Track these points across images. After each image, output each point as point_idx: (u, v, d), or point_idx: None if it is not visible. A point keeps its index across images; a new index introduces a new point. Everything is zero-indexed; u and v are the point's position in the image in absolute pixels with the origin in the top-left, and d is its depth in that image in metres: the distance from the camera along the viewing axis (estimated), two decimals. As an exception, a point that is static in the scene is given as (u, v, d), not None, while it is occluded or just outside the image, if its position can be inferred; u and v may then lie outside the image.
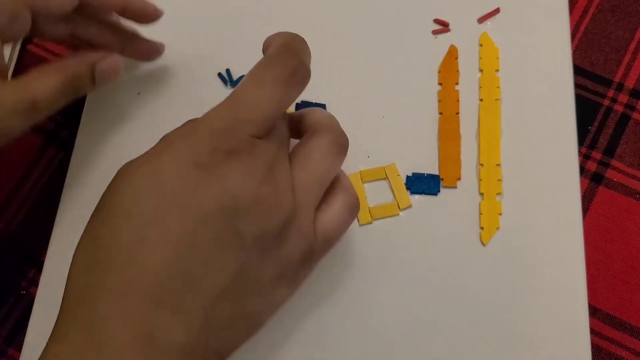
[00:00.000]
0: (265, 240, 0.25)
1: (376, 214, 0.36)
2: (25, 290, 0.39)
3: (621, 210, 0.37)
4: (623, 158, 0.38)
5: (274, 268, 0.26)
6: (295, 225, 0.26)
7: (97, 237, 0.24)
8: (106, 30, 0.36)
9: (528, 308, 0.34)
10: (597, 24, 0.42)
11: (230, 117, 0.25)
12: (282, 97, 0.26)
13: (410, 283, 0.35)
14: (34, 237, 0.40)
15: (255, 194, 0.24)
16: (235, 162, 0.24)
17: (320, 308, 0.35)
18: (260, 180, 0.25)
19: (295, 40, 0.28)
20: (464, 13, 0.40)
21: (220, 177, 0.24)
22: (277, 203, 0.25)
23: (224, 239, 0.24)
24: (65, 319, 0.24)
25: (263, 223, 0.25)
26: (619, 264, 0.36)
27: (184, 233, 0.23)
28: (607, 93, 0.40)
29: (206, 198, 0.24)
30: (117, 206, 0.24)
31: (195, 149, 0.24)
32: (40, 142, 0.42)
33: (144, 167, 0.25)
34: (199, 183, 0.24)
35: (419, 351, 0.34)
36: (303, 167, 0.27)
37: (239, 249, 0.24)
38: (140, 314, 0.23)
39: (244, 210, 0.24)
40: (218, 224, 0.24)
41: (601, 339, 0.35)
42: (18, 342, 0.37)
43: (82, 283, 0.24)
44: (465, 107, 0.38)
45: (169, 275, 0.23)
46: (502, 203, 0.36)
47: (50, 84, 0.30)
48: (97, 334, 0.23)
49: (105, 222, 0.24)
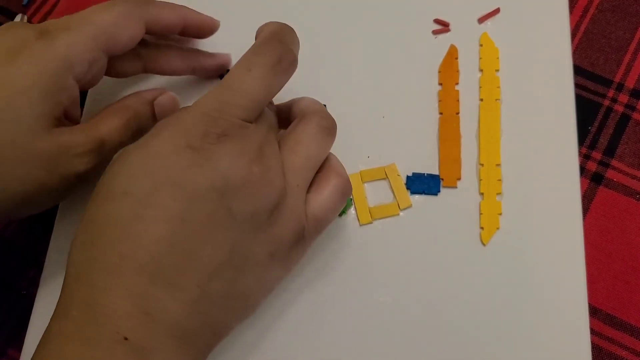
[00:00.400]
0: (257, 219, 0.26)
1: (376, 214, 0.36)
2: (25, 290, 0.39)
3: (621, 210, 0.37)
4: (623, 158, 0.38)
5: (266, 247, 0.27)
6: (286, 206, 0.27)
7: (95, 216, 0.25)
8: (174, 57, 0.37)
9: (528, 308, 0.34)
10: (597, 24, 0.42)
11: (221, 101, 0.27)
12: (270, 83, 0.27)
13: (410, 283, 0.35)
14: (34, 237, 0.40)
15: (246, 173, 0.25)
16: (226, 144, 0.25)
17: (320, 308, 0.35)
18: (250, 161, 0.26)
19: (283, 29, 0.30)
20: (464, 13, 0.40)
21: (212, 159, 0.25)
22: (267, 182, 0.26)
23: (217, 216, 0.25)
24: (65, 296, 0.25)
25: (254, 201, 0.26)
26: (619, 264, 0.36)
27: (178, 211, 0.24)
28: (607, 93, 0.40)
29: (199, 177, 0.25)
30: (114, 186, 0.25)
31: (188, 132, 0.26)
32: (40, 142, 0.42)
33: (139, 150, 0.26)
34: (191, 163, 0.25)
35: (419, 351, 0.34)
36: (293, 150, 0.29)
37: (232, 227, 0.25)
38: (137, 289, 0.24)
39: (235, 189, 0.25)
40: (211, 202, 0.25)
41: (601, 339, 0.35)
42: (18, 342, 0.37)
43: (81, 260, 0.25)
44: (465, 107, 0.38)
45: (164, 252, 0.24)
46: (502, 203, 0.36)
47: (115, 124, 0.32)
48: (96, 308, 0.24)
49: (102, 202, 0.25)
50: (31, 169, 0.29)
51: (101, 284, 0.24)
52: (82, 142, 0.31)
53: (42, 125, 0.29)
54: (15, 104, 0.29)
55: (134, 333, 0.23)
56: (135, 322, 0.23)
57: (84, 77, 0.32)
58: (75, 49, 0.30)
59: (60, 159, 0.30)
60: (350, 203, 0.37)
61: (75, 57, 0.30)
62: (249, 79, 0.27)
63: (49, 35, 0.30)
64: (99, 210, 0.25)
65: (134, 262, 0.24)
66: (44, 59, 0.30)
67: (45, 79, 0.29)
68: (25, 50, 0.29)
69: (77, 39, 0.31)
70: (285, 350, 0.34)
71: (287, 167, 0.28)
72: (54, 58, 0.30)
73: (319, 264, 0.35)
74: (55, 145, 0.30)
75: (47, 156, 0.29)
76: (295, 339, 0.34)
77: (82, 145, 0.31)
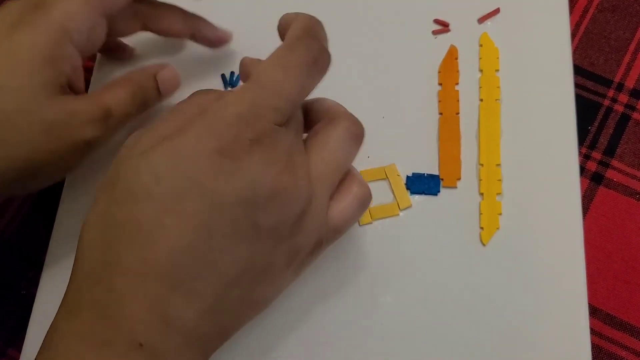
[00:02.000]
0: (281, 231, 0.25)
1: (376, 214, 0.36)
2: (25, 290, 0.39)
3: (621, 210, 0.37)
4: (623, 158, 0.38)
5: (285, 257, 0.26)
6: (309, 215, 0.26)
7: (113, 215, 0.24)
8: (175, 17, 0.37)
9: (528, 308, 0.34)
10: (597, 24, 0.42)
11: (254, 103, 0.25)
12: (305, 84, 0.26)
13: (410, 283, 0.35)
14: (34, 237, 0.40)
15: (275, 184, 0.24)
16: (258, 151, 0.24)
17: (320, 308, 0.35)
18: (280, 170, 0.24)
19: (316, 24, 0.28)
20: (464, 13, 0.40)
21: (242, 167, 0.24)
22: (295, 193, 0.25)
23: (240, 229, 0.24)
24: (75, 294, 0.24)
25: (281, 214, 0.25)
26: (619, 264, 0.36)
27: (203, 221, 0.23)
28: (607, 93, 0.40)
29: (226, 187, 0.24)
30: (137, 186, 0.24)
31: (219, 135, 0.24)
32: (40, 142, 0.42)
33: (164, 146, 0.24)
34: (220, 171, 0.24)
35: (418, 351, 0.34)
36: (320, 156, 0.27)
37: (254, 239, 0.24)
38: (156, 296, 0.23)
39: (263, 201, 0.24)
40: (236, 214, 0.24)
41: (601, 339, 0.35)
42: (18, 342, 0.37)
43: (97, 260, 0.24)
44: (465, 107, 0.38)
45: (184, 260, 0.23)
46: (502, 203, 0.36)
47: (121, 95, 0.32)
48: (112, 312, 0.23)
49: (122, 201, 0.24)
50: (37, 136, 0.30)
51: (119, 288, 0.23)
52: (89, 109, 0.31)
53: (46, 93, 0.30)
54: (17, 73, 0.29)
55: (150, 339, 0.23)
56: (152, 328, 0.23)
57: (84, 44, 0.32)
58: (72, 16, 0.31)
59: (66, 125, 0.30)
60: (350, 203, 0.37)
61: (72, 25, 0.31)
62: (285, 79, 0.25)
63: (45, 5, 0.31)
64: (117, 207, 0.24)
65: (155, 269, 0.23)
66: (41, 29, 0.30)
67: (45, 48, 0.30)
68: (22, 22, 0.30)
69: (72, 7, 0.31)
70: (285, 350, 0.34)
71: (313, 173, 0.26)
72: (51, 27, 0.30)
73: (318, 264, 0.35)
74: (61, 112, 0.30)
75: (54, 123, 0.30)
76: (295, 339, 0.34)
77: (88, 112, 0.31)
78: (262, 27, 0.36)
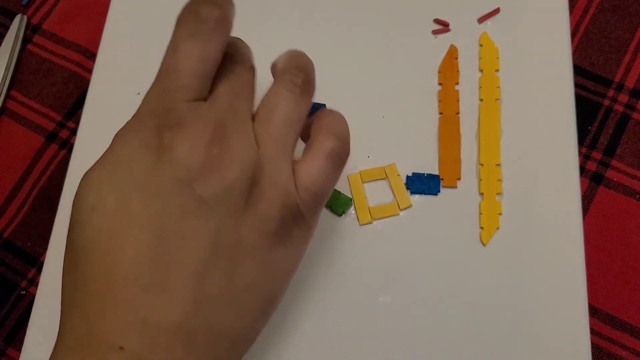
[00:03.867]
0: (233, 200, 0.24)
1: (376, 214, 0.36)
2: (25, 290, 0.39)
3: (621, 210, 0.37)
4: (623, 158, 0.38)
5: (254, 227, 0.25)
6: (264, 180, 0.25)
7: (72, 242, 0.24)
8: None
9: (528, 308, 0.34)
10: (597, 24, 0.42)
11: (160, 92, 0.25)
12: (202, 51, 0.25)
13: (410, 283, 0.35)
14: (34, 237, 0.40)
15: (203, 157, 0.24)
16: (180, 131, 0.24)
17: (320, 308, 0.35)
18: (207, 142, 0.24)
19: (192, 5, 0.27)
20: (464, 13, 0.40)
21: (169, 152, 0.24)
22: (232, 159, 0.24)
23: (188, 208, 0.24)
24: (61, 328, 0.24)
25: (222, 182, 0.24)
26: (619, 264, 0.36)
27: (151, 214, 0.23)
28: (607, 93, 0.40)
29: (161, 175, 0.24)
30: (82, 207, 0.24)
31: (141, 133, 0.25)
32: (40, 142, 0.42)
33: (99, 165, 0.25)
34: (151, 163, 0.24)
35: (418, 351, 0.34)
36: (264, 119, 0.26)
37: (208, 215, 0.24)
38: (129, 300, 0.23)
39: (198, 175, 0.24)
40: (180, 195, 0.24)
41: (601, 339, 0.35)
42: (18, 342, 0.37)
43: (69, 287, 0.24)
44: (465, 107, 0.38)
45: (146, 256, 0.23)
46: (502, 203, 0.36)
47: None
48: (90, 327, 0.23)
49: (75, 225, 0.24)
50: None
51: (91, 304, 0.23)
52: None
53: None
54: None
55: (130, 342, 0.23)
56: (130, 331, 0.23)
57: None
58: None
59: None
60: (350, 203, 0.37)
61: None
62: (175, 57, 0.25)
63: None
64: (73, 234, 0.24)
65: (120, 275, 0.23)
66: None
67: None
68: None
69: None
70: (284, 350, 0.34)
71: (259, 138, 0.26)
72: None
73: (318, 263, 0.35)
74: None
75: None
76: (295, 339, 0.34)
77: None
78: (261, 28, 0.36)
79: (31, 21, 0.46)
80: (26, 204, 0.41)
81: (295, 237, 0.27)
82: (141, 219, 0.23)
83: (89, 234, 0.24)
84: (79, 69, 0.44)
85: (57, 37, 0.45)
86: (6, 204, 0.41)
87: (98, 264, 0.23)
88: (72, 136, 0.42)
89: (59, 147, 0.42)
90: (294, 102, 0.27)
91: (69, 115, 0.43)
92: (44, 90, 0.44)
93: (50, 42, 0.45)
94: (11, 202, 0.41)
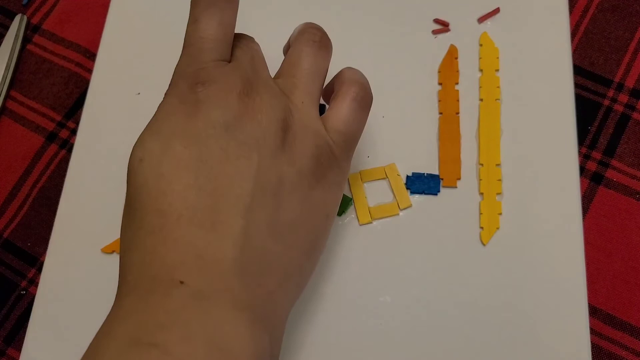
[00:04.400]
0: (270, 140, 0.26)
1: (376, 214, 0.36)
2: (25, 290, 0.39)
3: (621, 210, 0.37)
4: (623, 158, 0.38)
5: (292, 167, 0.27)
6: (296, 124, 0.28)
7: (128, 195, 0.26)
8: None
9: (528, 308, 0.34)
10: (597, 24, 0.42)
11: (188, 59, 0.28)
12: (220, 19, 0.28)
13: (410, 283, 0.35)
14: (34, 237, 0.40)
15: (237, 105, 0.26)
16: (213, 86, 0.26)
17: (320, 308, 0.35)
18: (239, 93, 0.27)
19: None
20: (464, 13, 0.40)
21: (205, 104, 0.26)
22: (264, 107, 0.27)
23: (230, 149, 0.26)
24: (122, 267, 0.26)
25: (257, 124, 0.26)
26: (619, 264, 0.36)
27: (193, 155, 0.25)
28: (607, 93, 0.40)
29: (199, 122, 0.26)
30: (132, 161, 0.26)
31: (177, 93, 0.27)
32: (40, 142, 0.42)
33: (145, 129, 0.27)
34: (189, 115, 0.26)
35: (418, 351, 0.34)
36: (288, 74, 0.29)
37: (249, 154, 0.26)
38: (183, 237, 0.24)
39: (235, 122, 0.26)
40: (219, 138, 0.26)
41: (601, 339, 0.35)
42: (18, 342, 0.37)
43: (128, 234, 0.26)
44: (465, 107, 0.38)
45: (195, 195, 0.25)
46: (502, 203, 0.36)
47: None
48: (148, 266, 0.24)
49: (128, 180, 0.27)
50: None
51: (149, 245, 0.25)
52: None
53: None
54: None
55: (190, 276, 0.24)
56: (189, 267, 0.24)
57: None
58: None
59: None
60: (350, 203, 0.37)
61: None
62: (196, 27, 0.28)
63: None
64: (128, 188, 0.26)
65: (172, 214, 0.25)
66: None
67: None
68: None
69: None
70: (284, 349, 0.34)
71: (286, 89, 0.28)
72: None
73: (318, 263, 0.35)
74: None
75: None
76: (295, 339, 0.34)
77: None
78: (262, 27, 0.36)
79: (31, 21, 0.46)
80: (26, 204, 0.41)
81: (331, 180, 0.29)
82: (186, 162, 0.25)
83: (140, 181, 0.26)
84: (79, 69, 0.44)
85: (57, 37, 0.45)
86: (6, 204, 0.41)
87: (151, 206, 0.25)
88: (72, 136, 0.42)
89: (59, 147, 0.42)
90: (314, 55, 0.30)
91: (69, 115, 0.43)
92: (44, 90, 0.44)
93: (50, 42, 0.45)
94: (11, 202, 0.41)
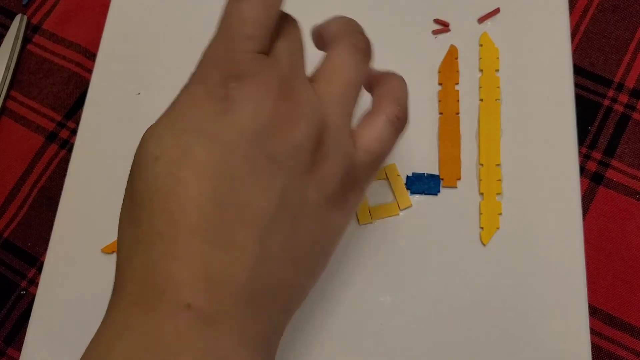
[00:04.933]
0: (300, 158, 0.24)
1: (376, 214, 0.36)
2: (25, 290, 0.39)
3: (621, 210, 0.37)
4: (623, 158, 0.38)
5: (318, 188, 0.25)
6: (329, 140, 0.25)
7: (133, 192, 0.24)
8: None
9: (528, 308, 0.34)
10: (597, 24, 0.42)
11: (224, 42, 0.24)
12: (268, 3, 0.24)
13: (410, 283, 0.35)
14: (34, 237, 0.40)
15: (272, 112, 0.23)
16: (247, 85, 0.23)
17: (320, 308, 0.35)
18: (275, 98, 0.24)
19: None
20: (464, 13, 0.40)
21: (237, 103, 0.23)
22: (300, 117, 0.24)
23: (257, 162, 0.23)
24: (117, 278, 0.23)
25: (291, 139, 0.24)
26: (619, 264, 0.36)
27: (216, 163, 0.23)
28: (607, 93, 0.40)
29: (228, 126, 0.23)
30: (145, 156, 0.23)
31: (206, 83, 0.24)
32: (40, 142, 0.42)
33: (164, 116, 0.24)
34: (217, 113, 0.23)
35: (418, 351, 0.34)
36: (327, 80, 0.26)
37: (276, 171, 0.23)
38: (193, 253, 0.22)
39: (267, 130, 0.23)
40: (246, 148, 0.23)
41: (601, 339, 0.35)
42: (18, 342, 0.37)
43: (129, 239, 0.23)
44: (465, 107, 0.38)
45: (211, 209, 0.22)
46: (502, 203, 0.36)
47: None
48: (153, 279, 0.22)
49: (136, 176, 0.23)
50: None
51: (155, 255, 0.22)
52: None
53: None
54: None
55: (198, 299, 0.22)
56: (198, 288, 0.22)
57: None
58: None
59: None
60: (350, 203, 0.37)
61: None
62: (242, 5, 0.24)
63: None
64: (134, 184, 0.23)
65: (184, 226, 0.22)
66: None
67: None
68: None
69: None
70: (284, 349, 0.34)
71: (323, 98, 0.25)
72: None
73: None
74: None
75: None
76: (295, 339, 0.34)
77: None
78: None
79: (31, 21, 0.46)
80: (26, 204, 0.41)
81: (351, 202, 0.27)
82: (206, 168, 0.22)
83: (150, 182, 0.23)
84: (79, 69, 0.44)
85: (57, 37, 0.45)
86: (6, 204, 0.41)
87: (160, 213, 0.22)
88: (72, 136, 0.42)
89: (59, 147, 0.42)
90: (357, 65, 0.27)
91: (69, 115, 0.43)
92: (44, 90, 0.44)
93: (50, 42, 0.45)
94: (11, 202, 0.41)
